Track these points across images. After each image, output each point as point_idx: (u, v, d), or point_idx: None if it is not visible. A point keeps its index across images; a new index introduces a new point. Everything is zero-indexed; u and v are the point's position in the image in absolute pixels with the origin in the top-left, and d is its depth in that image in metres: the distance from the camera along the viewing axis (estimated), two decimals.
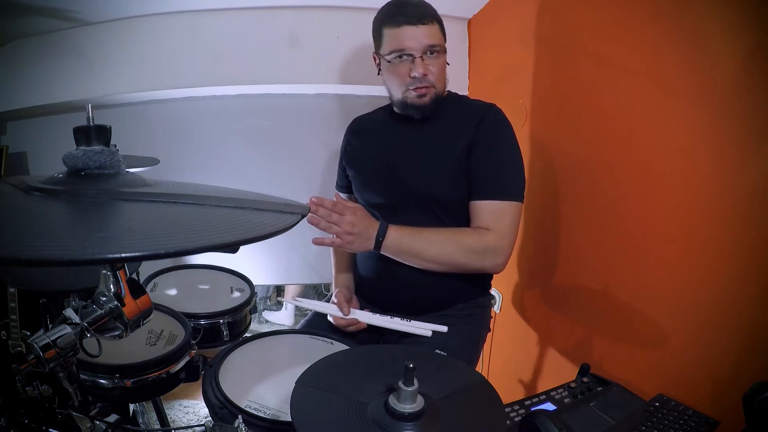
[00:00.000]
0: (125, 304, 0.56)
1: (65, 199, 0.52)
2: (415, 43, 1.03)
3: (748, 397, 0.65)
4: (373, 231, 1.02)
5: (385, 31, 1.07)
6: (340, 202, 1.01)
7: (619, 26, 1.10)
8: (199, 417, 1.82)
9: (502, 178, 1.05)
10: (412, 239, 1.04)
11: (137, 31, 1.56)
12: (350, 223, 0.99)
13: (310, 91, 1.75)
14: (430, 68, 1.05)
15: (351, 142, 1.27)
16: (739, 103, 0.84)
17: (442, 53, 1.07)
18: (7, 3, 1.37)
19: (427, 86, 1.07)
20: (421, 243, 1.04)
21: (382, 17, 1.08)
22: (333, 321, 1.13)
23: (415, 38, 1.03)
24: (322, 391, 0.61)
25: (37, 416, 0.63)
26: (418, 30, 1.03)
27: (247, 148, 1.80)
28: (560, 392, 0.89)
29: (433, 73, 1.06)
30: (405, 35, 1.04)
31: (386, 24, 1.06)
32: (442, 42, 1.06)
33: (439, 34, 1.06)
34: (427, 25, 1.03)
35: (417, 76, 1.05)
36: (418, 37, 1.03)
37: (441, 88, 1.10)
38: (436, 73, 1.06)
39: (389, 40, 1.06)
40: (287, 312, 2.72)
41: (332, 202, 1.00)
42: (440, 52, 1.06)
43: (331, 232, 1.00)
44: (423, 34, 1.03)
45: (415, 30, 1.03)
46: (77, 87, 1.57)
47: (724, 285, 0.88)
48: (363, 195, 1.22)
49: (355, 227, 1.00)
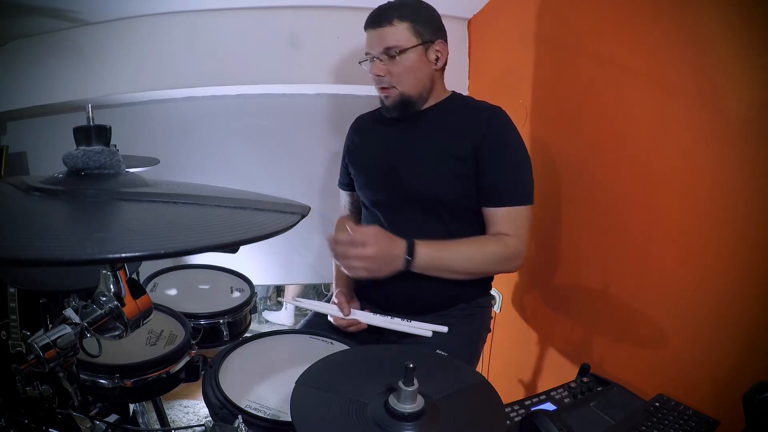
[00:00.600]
0: (125, 304, 0.56)
1: (65, 199, 0.52)
2: (371, 47, 1.09)
3: (748, 397, 0.65)
4: (399, 252, 0.98)
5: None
6: (355, 232, 0.96)
7: (619, 26, 1.10)
8: (199, 417, 1.82)
9: (516, 185, 1.07)
10: (441, 254, 1.03)
11: (137, 31, 1.56)
12: (373, 254, 0.95)
13: (310, 91, 1.75)
14: (391, 69, 1.07)
15: (354, 140, 1.28)
16: (739, 103, 0.84)
17: (404, 54, 1.06)
18: (7, 3, 1.37)
19: (386, 87, 1.10)
20: (450, 257, 1.04)
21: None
22: (333, 321, 1.12)
23: (372, 41, 1.08)
24: (322, 391, 0.61)
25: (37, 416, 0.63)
26: (375, 33, 1.07)
27: (247, 148, 1.80)
28: (560, 392, 0.89)
29: (392, 74, 1.08)
30: (368, 38, 1.10)
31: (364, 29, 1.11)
32: (403, 44, 1.05)
33: (403, 35, 1.05)
34: (385, 27, 1.05)
35: (373, 76, 1.09)
36: (374, 40, 1.08)
37: (408, 88, 1.09)
38: (396, 74, 1.07)
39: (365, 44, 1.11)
40: (287, 312, 2.72)
41: (348, 236, 0.96)
42: (400, 52, 1.05)
43: (355, 267, 0.96)
44: (378, 36, 1.07)
45: (374, 33, 1.08)
46: (77, 87, 1.57)
47: (724, 285, 0.88)
48: (364, 193, 1.22)
49: (378, 255, 0.95)
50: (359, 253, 0.94)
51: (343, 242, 0.95)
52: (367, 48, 1.10)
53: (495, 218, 1.07)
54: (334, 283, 1.24)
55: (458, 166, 1.08)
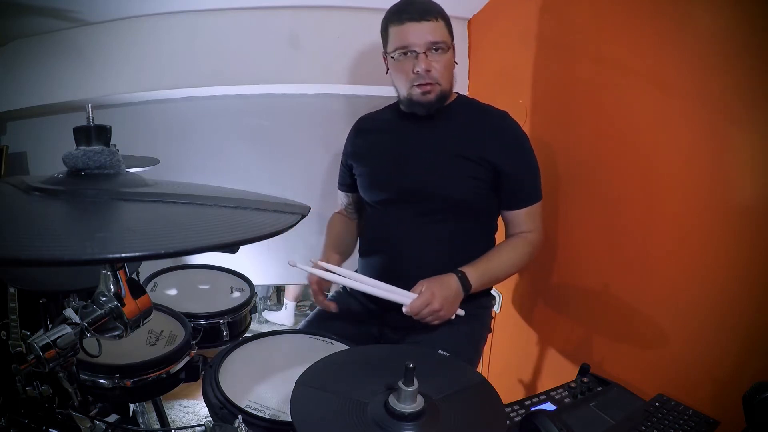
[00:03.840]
0: (125, 304, 0.56)
1: (65, 199, 0.52)
2: (417, 39, 1.04)
3: (748, 397, 0.65)
4: (456, 287, 1.03)
5: (391, 29, 1.09)
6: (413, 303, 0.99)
7: (619, 26, 1.10)
8: (199, 417, 1.82)
9: (533, 188, 1.14)
10: (488, 272, 1.09)
11: (137, 31, 1.56)
12: (440, 305, 0.99)
13: (310, 91, 1.75)
14: (434, 65, 1.06)
15: (356, 141, 1.27)
16: (739, 103, 0.84)
17: (446, 51, 1.07)
18: (7, 3, 1.37)
19: (431, 83, 1.07)
20: (495, 270, 1.11)
21: (389, 16, 1.10)
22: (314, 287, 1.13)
23: (418, 34, 1.04)
24: (322, 391, 0.61)
25: (37, 416, 0.63)
26: (421, 26, 1.04)
27: (247, 148, 1.80)
28: (560, 392, 0.89)
29: (437, 70, 1.06)
30: (408, 32, 1.05)
31: (392, 22, 1.08)
32: (447, 39, 1.06)
33: (444, 32, 1.07)
34: (431, 21, 1.04)
35: (420, 72, 1.06)
36: (421, 34, 1.04)
37: (447, 86, 1.10)
38: (440, 70, 1.07)
39: (394, 37, 1.08)
40: (287, 312, 2.72)
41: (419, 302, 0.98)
42: (445, 49, 1.06)
43: (435, 321, 1.01)
44: (426, 30, 1.04)
45: (418, 26, 1.04)
46: (77, 87, 1.57)
47: (724, 285, 0.88)
48: (371, 192, 1.21)
49: (444, 302, 1.00)
50: (431, 312, 0.99)
51: (415, 313, 0.99)
52: (406, 41, 1.05)
53: (518, 219, 1.14)
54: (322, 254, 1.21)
55: (469, 168, 1.09)
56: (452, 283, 1.03)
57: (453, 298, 1.02)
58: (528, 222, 1.14)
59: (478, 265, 1.08)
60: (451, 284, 1.03)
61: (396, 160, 1.15)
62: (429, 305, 0.99)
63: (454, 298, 1.02)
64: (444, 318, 1.01)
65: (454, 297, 1.02)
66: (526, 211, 1.13)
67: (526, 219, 1.14)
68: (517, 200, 1.13)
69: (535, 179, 1.14)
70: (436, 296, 0.99)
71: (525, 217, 1.14)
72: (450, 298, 1.01)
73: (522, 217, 1.14)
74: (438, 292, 1.00)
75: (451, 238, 1.13)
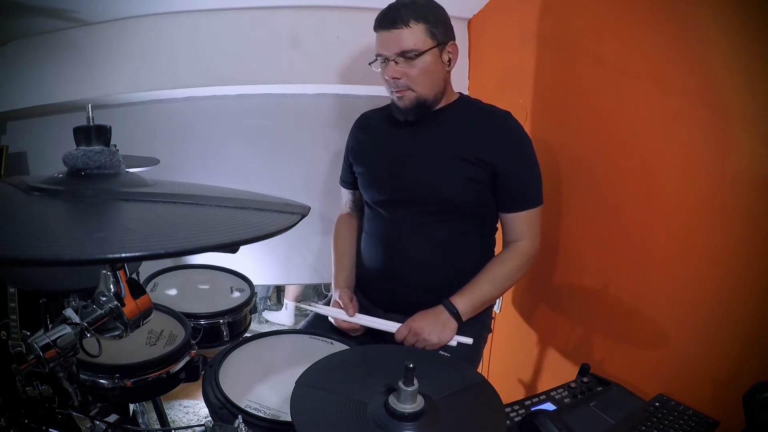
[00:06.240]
0: (125, 304, 0.56)
1: (65, 199, 0.52)
2: (386, 49, 1.06)
3: (748, 397, 0.65)
4: (444, 316, 1.07)
5: (375, 35, 1.09)
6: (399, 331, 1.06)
7: (619, 26, 1.10)
8: (199, 417, 1.82)
9: (533, 190, 1.12)
10: (476, 295, 1.10)
11: (137, 31, 1.56)
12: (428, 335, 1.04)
13: (310, 91, 1.75)
14: (407, 72, 1.05)
15: (358, 138, 1.27)
16: (739, 103, 0.84)
17: (420, 57, 1.04)
18: (7, 3, 1.37)
19: (402, 89, 1.08)
20: (483, 293, 1.11)
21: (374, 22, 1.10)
22: (334, 323, 1.13)
23: (387, 43, 1.05)
24: (322, 391, 0.61)
25: (37, 416, 0.63)
26: (390, 35, 1.04)
27: (247, 148, 1.80)
28: (560, 392, 0.89)
29: (408, 77, 1.06)
30: (381, 40, 1.06)
31: (374, 28, 1.09)
32: (419, 46, 1.04)
33: (420, 37, 1.03)
34: (401, 29, 1.03)
35: (388, 79, 1.08)
36: (390, 42, 1.05)
37: (424, 91, 1.08)
38: (413, 76, 1.06)
39: (376, 44, 1.09)
40: (287, 312, 2.72)
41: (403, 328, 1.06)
42: (418, 55, 1.04)
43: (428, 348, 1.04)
44: (394, 39, 1.04)
45: (388, 35, 1.04)
46: (77, 87, 1.57)
47: (724, 285, 0.88)
48: (369, 191, 1.21)
49: (432, 332, 1.04)
50: (422, 341, 1.04)
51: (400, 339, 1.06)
52: (379, 49, 1.07)
53: (515, 222, 1.12)
54: (333, 284, 1.24)
55: (469, 170, 1.08)
56: (438, 313, 1.07)
57: (441, 326, 1.05)
58: (524, 227, 1.12)
59: (465, 291, 1.10)
60: (437, 314, 1.07)
61: (394, 161, 1.15)
62: (411, 330, 1.04)
63: (443, 326, 1.05)
64: (433, 342, 1.04)
65: (443, 325, 1.05)
66: (524, 215, 1.11)
67: (523, 223, 1.12)
68: (514, 203, 1.11)
69: (536, 183, 1.11)
70: (424, 328, 1.04)
71: (523, 221, 1.12)
72: (438, 327, 1.05)
73: (519, 221, 1.12)
74: (425, 323, 1.05)
75: (449, 239, 1.12)
